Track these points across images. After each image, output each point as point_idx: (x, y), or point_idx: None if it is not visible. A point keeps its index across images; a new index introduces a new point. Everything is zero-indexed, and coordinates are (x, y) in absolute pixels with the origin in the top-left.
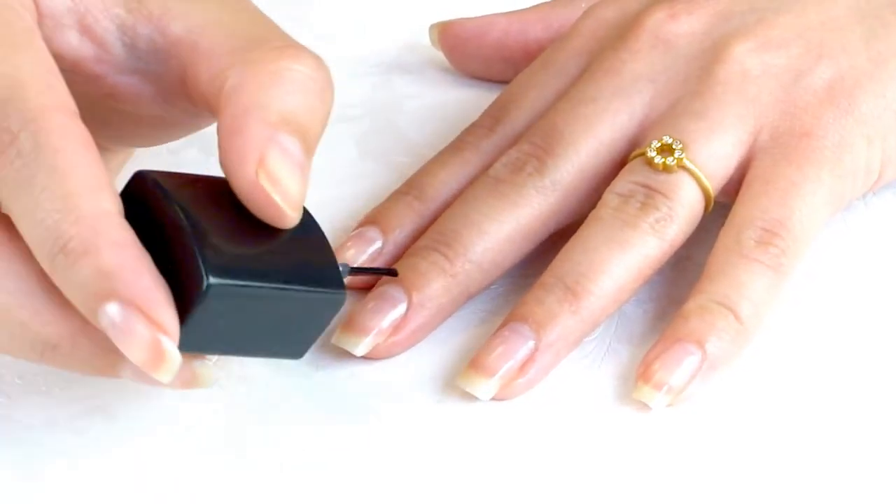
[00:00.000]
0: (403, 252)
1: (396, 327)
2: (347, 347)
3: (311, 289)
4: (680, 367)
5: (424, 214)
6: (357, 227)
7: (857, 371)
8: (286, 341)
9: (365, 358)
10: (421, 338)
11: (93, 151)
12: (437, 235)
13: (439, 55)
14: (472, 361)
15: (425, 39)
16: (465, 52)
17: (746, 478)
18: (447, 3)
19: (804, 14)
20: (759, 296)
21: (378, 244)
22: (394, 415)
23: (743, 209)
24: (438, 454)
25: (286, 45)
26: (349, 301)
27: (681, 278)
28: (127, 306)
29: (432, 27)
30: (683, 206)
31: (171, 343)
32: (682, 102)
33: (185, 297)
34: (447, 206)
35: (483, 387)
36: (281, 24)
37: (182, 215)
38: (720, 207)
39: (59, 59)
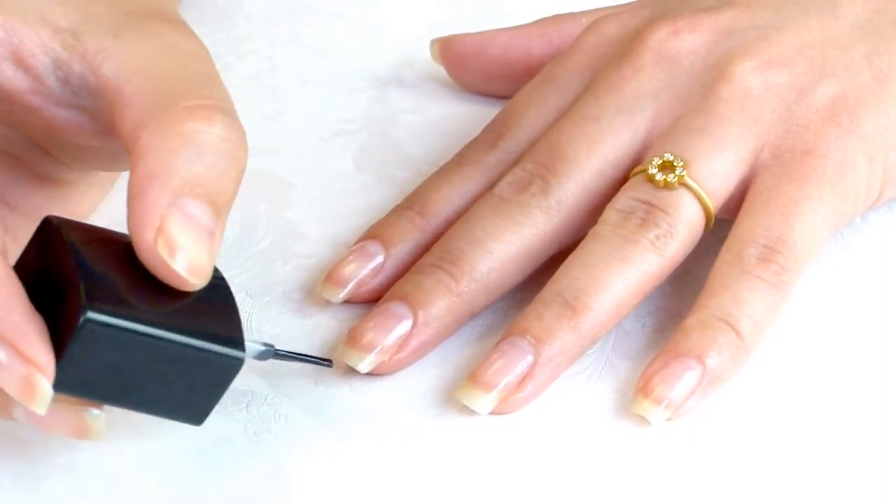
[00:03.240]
0: (404, 267)
1: (400, 345)
2: (351, 363)
3: (202, 344)
4: (680, 381)
5: (426, 230)
6: (358, 242)
7: (856, 385)
8: (180, 401)
9: (367, 374)
10: (422, 355)
11: None
12: (442, 253)
13: (436, 70)
14: (471, 376)
15: (422, 54)
16: (466, 68)
17: (745, 492)
18: (444, 18)
19: (806, 31)
20: (759, 312)
21: (379, 259)
22: (393, 429)
23: (744, 226)
24: (438, 468)
25: (200, 104)
26: (353, 316)
27: (679, 293)
28: None
29: (433, 42)
30: (684, 223)
31: (41, 377)
32: (684, 120)
33: (65, 334)
34: (449, 221)
35: (482, 401)
36: (278, 39)
37: (76, 259)
38: (719, 223)
39: None
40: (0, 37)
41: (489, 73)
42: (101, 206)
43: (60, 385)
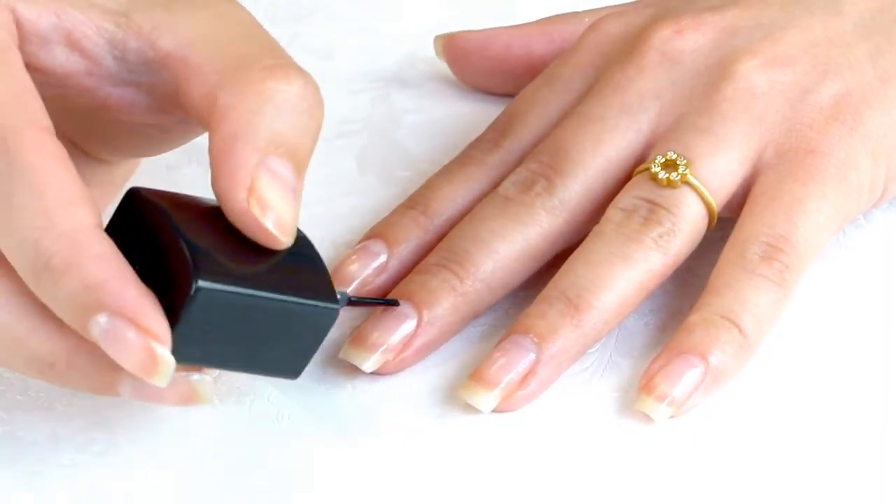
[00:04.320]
0: (408, 267)
1: (405, 344)
2: (356, 363)
3: (303, 300)
4: (682, 379)
5: (429, 229)
6: (361, 241)
7: (859, 383)
8: (280, 357)
9: (371, 373)
10: (426, 355)
11: (67, 167)
12: (447, 253)
13: (438, 69)
14: (474, 373)
15: (424, 54)
16: (468, 65)
17: (748, 489)
18: (446, 18)
19: (810, 30)
20: (762, 310)
21: (382, 258)
22: (396, 428)
23: (748, 224)
24: (441, 467)
25: (275, 63)
26: (357, 315)
27: (682, 291)
28: (115, 316)
29: (436, 39)
30: (687, 221)
31: (162, 348)
32: (687, 118)
33: (175, 303)
34: (452, 221)
35: (484, 399)
36: (280, 41)
37: (174, 226)
38: (723, 221)
39: (48, 74)
40: (52, 21)
41: (491, 70)
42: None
43: (176, 354)
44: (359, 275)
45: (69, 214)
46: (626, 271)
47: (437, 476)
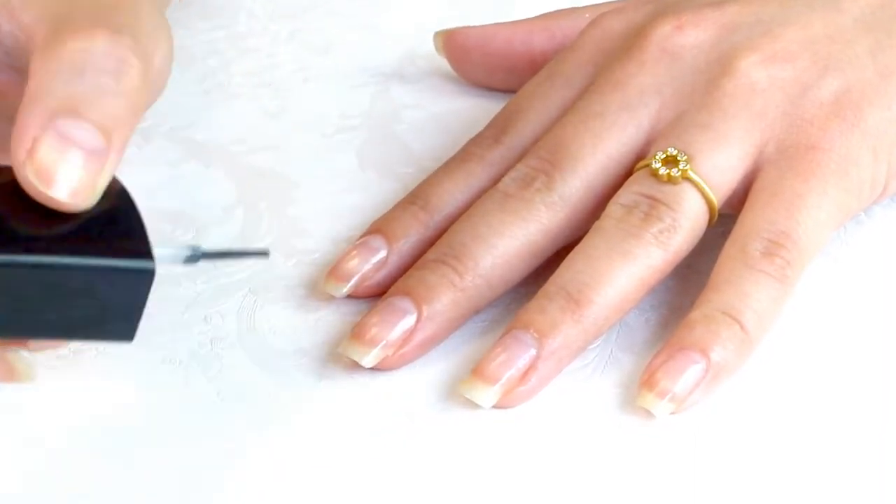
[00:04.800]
0: (407, 262)
1: (405, 339)
2: (355, 358)
3: (107, 261)
4: (684, 375)
5: (429, 225)
6: (361, 237)
7: (860, 380)
8: (105, 322)
9: (371, 369)
10: (426, 351)
11: None
12: (446, 249)
13: (438, 65)
14: (475, 369)
15: (424, 49)
16: (469, 61)
17: (749, 485)
18: (446, 13)
19: (811, 26)
20: (763, 306)
21: (382, 253)
22: (397, 423)
23: (749, 220)
24: (442, 463)
25: (89, 23)
26: (357, 311)
27: (683, 287)
28: None
29: (436, 35)
30: (687, 217)
31: None
32: (688, 114)
33: None
34: (452, 217)
35: (485, 394)
36: (280, 36)
37: None
38: (723, 218)
39: None
40: None
41: (491, 66)
42: None
43: None
44: (359, 270)
45: None
46: (627, 267)
47: (438, 472)
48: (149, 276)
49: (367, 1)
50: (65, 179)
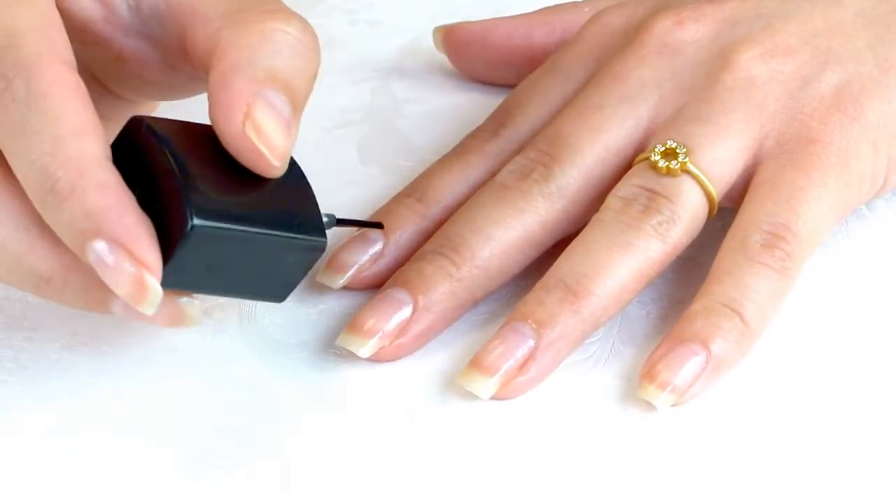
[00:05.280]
0: (405, 254)
1: (401, 330)
2: (352, 349)
3: (292, 234)
4: (684, 367)
5: (427, 217)
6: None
7: (861, 374)
8: (268, 284)
9: (369, 360)
10: (425, 341)
11: (83, 99)
12: (443, 240)
13: (438, 59)
14: (473, 360)
15: (424, 44)
16: (469, 56)
17: (750, 477)
18: (445, 8)
19: (811, 20)
20: (763, 298)
21: (379, 245)
22: (396, 415)
23: (749, 213)
24: (441, 454)
25: (276, 8)
26: (357, 304)
27: (684, 280)
28: (111, 244)
29: (436, 30)
30: (686, 209)
31: (152, 278)
32: (687, 108)
33: (171, 236)
34: (450, 209)
35: (483, 385)
36: None
37: (171, 159)
38: (724, 211)
39: (70, 18)
40: None
41: (491, 61)
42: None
43: (167, 284)
44: (355, 262)
45: (78, 143)
46: (626, 258)
47: (437, 463)
48: (321, 250)
49: None
50: (271, 142)
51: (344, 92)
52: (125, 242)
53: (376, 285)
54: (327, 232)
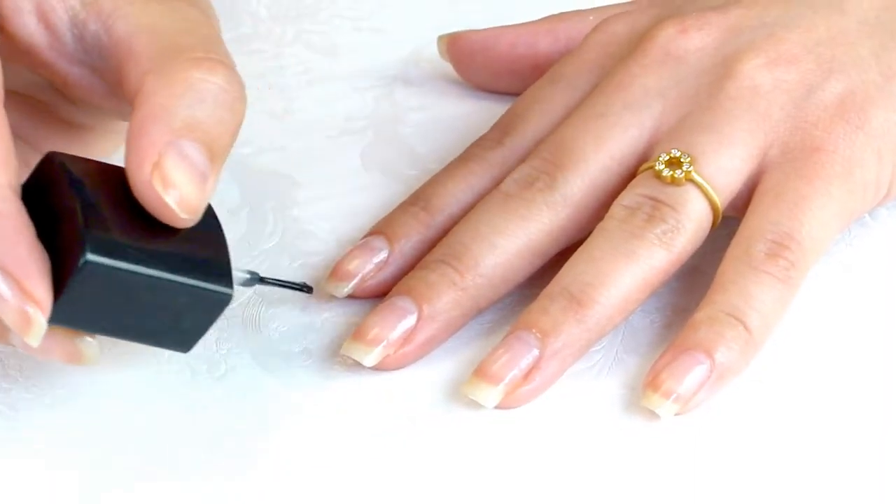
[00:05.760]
0: (409, 262)
1: (406, 339)
2: (356, 357)
3: (195, 282)
4: (688, 376)
5: (431, 225)
6: (363, 237)
7: (864, 382)
8: (170, 331)
9: (373, 369)
10: (429, 350)
11: None
12: (447, 249)
13: (442, 67)
14: (477, 369)
15: (428, 52)
16: (473, 64)
17: (755, 486)
18: (450, 16)
19: (814, 29)
20: (768, 307)
21: (384, 254)
22: (400, 424)
23: (753, 221)
24: (445, 463)
25: (205, 56)
26: (361, 313)
27: (688, 289)
28: (2, 273)
29: (440, 38)
30: (691, 218)
31: (37, 311)
32: (691, 117)
33: (65, 270)
34: (454, 217)
35: (488, 394)
36: (285, 39)
37: (77, 197)
38: (728, 220)
39: (16, 41)
40: None
41: (496, 70)
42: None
43: (57, 319)
44: (360, 270)
45: None
46: (630, 268)
47: (441, 471)
48: (227, 300)
49: (372, 4)
50: (179, 193)
51: (347, 100)
52: (13, 272)
53: (381, 294)
54: (249, 288)
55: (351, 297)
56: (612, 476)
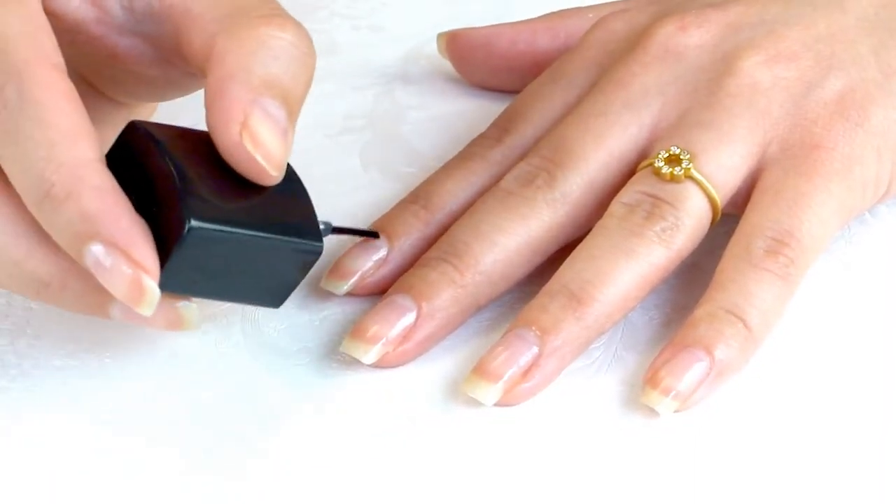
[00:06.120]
0: (409, 260)
1: (405, 336)
2: (356, 355)
3: (289, 238)
4: (688, 373)
5: (430, 223)
6: None
7: (863, 380)
8: (265, 289)
9: (373, 366)
10: (429, 347)
11: (75, 103)
12: (446, 246)
13: (441, 65)
14: (477, 367)
15: (427, 50)
16: (473, 62)
17: (754, 483)
18: (449, 14)
19: (814, 26)
20: (767, 304)
21: (383, 251)
22: (399, 421)
23: (753, 218)
24: (445, 460)
25: (272, 13)
26: (360, 310)
27: (687, 286)
28: (108, 247)
29: (440, 36)
30: (690, 216)
31: (149, 280)
32: (691, 114)
33: (168, 239)
34: (453, 215)
35: (487, 392)
36: None
37: (168, 163)
38: (727, 217)
39: (61, 19)
40: None
41: (495, 67)
42: None
43: (165, 286)
44: (359, 268)
45: (72, 148)
46: (629, 265)
47: (440, 469)
48: (317, 254)
49: (371, 2)
50: (267, 150)
51: (347, 98)
52: (121, 245)
53: (380, 292)
54: (324, 238)
55: (350, 294)
56: (611, 473)
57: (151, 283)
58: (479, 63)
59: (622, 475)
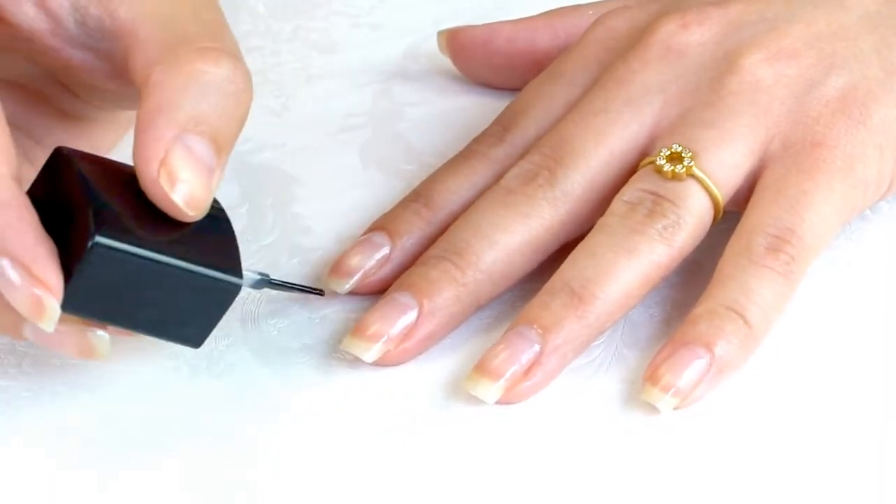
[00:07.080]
0: (411, 258)
1: (406, 335)
2: (357, 353)
3: (203, 270)
4: (688, 369)
5: (432, 221)
6: (364, 233)
7: (865, 377)
8: (181, 324)
9: (373, 364)
10: (430, 346)
11: None
12: (447, 245)
13: (441, 63)
14: (478, 365)
15: (426, 48)
16: (473, 59)
17: (755, 481)
18: (448, 12)
19: (815, 24)
20: (768, 302)
21: (385, 250)
22: (400, 419)
23: (754, 216)
24: (446, 458)
25: (210, 46)
26: (360, 308)
27: (688, 283)
28: (10, 261)
29: (440, 34)
30: (692, 213)
31: (48, 295)
32: (692, 112)
33: (75, 256)
34: (455, 214)
35: (488, 390)
36: (283, 35)
37: (88, 186)
38: (729, 215)
39: (16, 28)
40: None
41: (495, 65)
42: (121, 144)
43: (68, 305)
44: (361, 266)
45: None
46: (631, 263)
47: (441, 467)
48: (236, 289)
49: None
50: (186, 189)
51: (346, 96)
52: (23, 260)
53: (382, 290)
54: (258, 290)
55: (352, 293)
56: (612, 471)
57: (51, 300)
58: (478, 60)
59: (623, 473)
